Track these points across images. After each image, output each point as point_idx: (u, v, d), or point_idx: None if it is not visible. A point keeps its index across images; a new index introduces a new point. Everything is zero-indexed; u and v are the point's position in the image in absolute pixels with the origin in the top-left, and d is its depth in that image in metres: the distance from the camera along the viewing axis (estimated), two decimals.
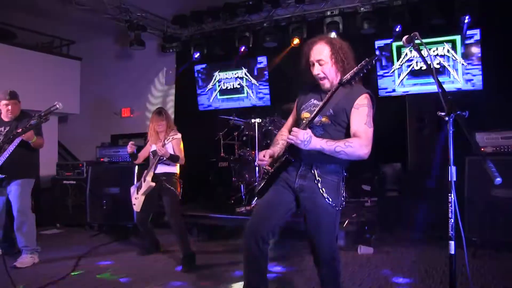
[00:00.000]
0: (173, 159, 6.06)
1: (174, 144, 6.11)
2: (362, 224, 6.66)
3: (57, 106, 5.55)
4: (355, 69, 3.11)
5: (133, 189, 6.40)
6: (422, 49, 3.03)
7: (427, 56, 3.02)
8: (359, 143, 3.19)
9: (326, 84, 3.43)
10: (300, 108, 3.61)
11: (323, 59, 3.37)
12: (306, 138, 3.12)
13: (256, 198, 7.33)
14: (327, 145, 3.16)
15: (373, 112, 3.36)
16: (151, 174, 6.06)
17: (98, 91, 12.46)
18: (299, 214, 3.56)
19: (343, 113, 3.34)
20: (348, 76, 3.11)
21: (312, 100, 3.54)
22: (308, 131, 3.17)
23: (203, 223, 7.68)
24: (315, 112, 3.24)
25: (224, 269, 5.81)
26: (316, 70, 3.40)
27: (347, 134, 3.35)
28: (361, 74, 3.11)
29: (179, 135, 6.10)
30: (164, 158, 6.01)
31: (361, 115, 3.29)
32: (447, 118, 2.71)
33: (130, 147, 6.30)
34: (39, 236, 6.53)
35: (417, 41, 3.02)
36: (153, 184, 6.01)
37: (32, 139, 5.90)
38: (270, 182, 3.56)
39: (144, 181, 6.10)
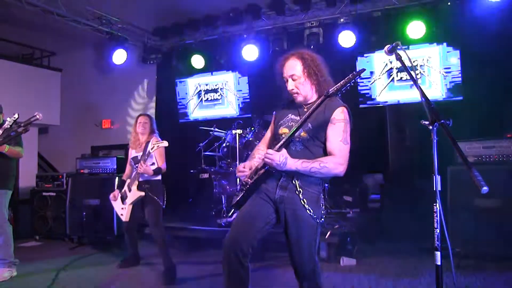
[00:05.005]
0: (156, 173, 5.98)
1: (156, 153, 6.00)
2: (344, 236, 6.63)
3: (37, 116, 5.54)
4: (342, 82, 3.12)
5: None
6: (404, 59, 3.02)
7: (409, 65, 3.01)
8: (333, 162, 3.23)
9: (299, 98, 3.47)
10: (278, 124, 3.62)
11: (295, 74, 3.41)
12: (282, 161, 3.16)
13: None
14: (302, 166, 3.20)
15: (351, 127, 3.37)
16: (136, 183, 5.96)
17: (78, 102, 12.39)
18: (278, 226, 3.51)
19: (321, 127, 3.34)
20: (334, 88, 3.11)
21: (290, 115, 3.56)
22: (284, 152, 3.20)
23: (183, 235, 7.61)
24: (295, 127, 3.23)
25: (205, 282, 5.77)
26: (290, 85, 3.44)
27: (325, 150, 3.36)
28: (348, 87, 3.10)
29: (165, 143, 5.74)
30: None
31: (337, 131, 3.31)
32: (431, 127, 2.69)
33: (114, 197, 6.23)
34: (17, 248, 6.42)
35: (399, 50, 3.01)
36: (142, 193, 5.91)
37: (4, 149, 5.80)
38: (249, 194, 3.53)
39: (129, 191, 6.01)
